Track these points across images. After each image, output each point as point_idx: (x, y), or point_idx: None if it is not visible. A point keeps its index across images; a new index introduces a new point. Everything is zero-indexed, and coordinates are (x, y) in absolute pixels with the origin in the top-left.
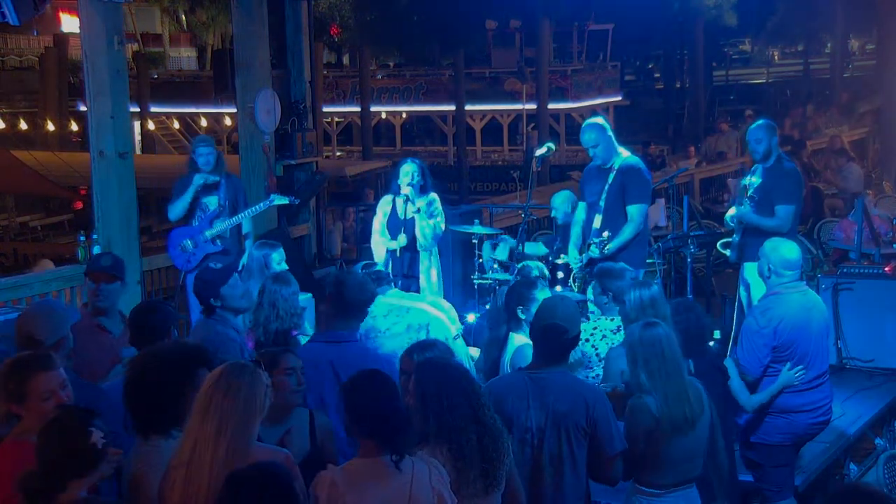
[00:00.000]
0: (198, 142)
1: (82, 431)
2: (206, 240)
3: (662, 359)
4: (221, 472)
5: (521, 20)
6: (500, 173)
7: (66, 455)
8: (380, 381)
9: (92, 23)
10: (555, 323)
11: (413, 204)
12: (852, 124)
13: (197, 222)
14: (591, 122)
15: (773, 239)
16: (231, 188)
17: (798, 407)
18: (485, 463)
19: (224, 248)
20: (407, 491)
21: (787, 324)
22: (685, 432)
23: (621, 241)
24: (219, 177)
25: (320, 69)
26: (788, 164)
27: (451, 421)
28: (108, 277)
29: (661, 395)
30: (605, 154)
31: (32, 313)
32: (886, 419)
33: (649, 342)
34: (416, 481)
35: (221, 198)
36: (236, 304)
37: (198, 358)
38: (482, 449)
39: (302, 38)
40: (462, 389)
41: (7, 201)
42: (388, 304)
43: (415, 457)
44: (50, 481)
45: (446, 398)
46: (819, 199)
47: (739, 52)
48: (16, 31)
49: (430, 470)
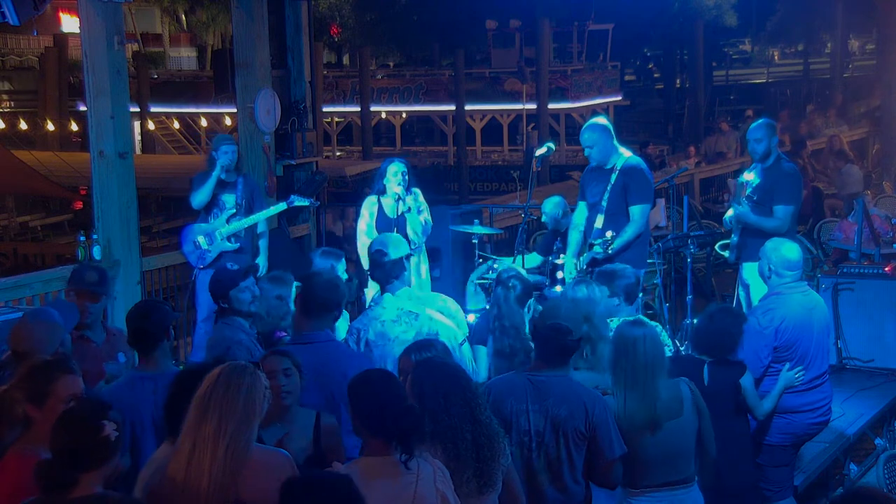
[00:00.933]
0: (220, 140)
1: (95, 423)
2: (222, 237)
3: (631, 358)
4: (220, 473)
5: (521, 20)
6: (500, 173)
7: (77, 446)
8: (386, 380)
9: (92, 23)
10: (557, 324)
11: (404, 202)
12: (852, 124)
13: (213, 219)
14: (592, 123)
15: (773, 239)
16: (248, 188)
17: (798, 407)
18: (479, 463)
19: (240, 245)
20: (412, 491)
21: (789, 324)
22: (651, 433)
23: (623, 240)
24: (236, 176)
25: (320, 69)
26: (788, 165)
27: (446, 420)
28: (94, 296)
29: (622, 396)
30: (599, 156)
31: (29, 324)
32: (886, 419)
33: (622, 341)
34: (422, 481)
35: (238, 196)
36: (244, 308)
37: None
38: (477, 449)
39: (302, 38)
40: (458, 389)
41: (7, 201)
42: (399, 310)
43: (420, 457)
44: (63, 472)
45: (443, 398)
46: (819, 199)
47: (739, 52)
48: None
49: (435, 471)
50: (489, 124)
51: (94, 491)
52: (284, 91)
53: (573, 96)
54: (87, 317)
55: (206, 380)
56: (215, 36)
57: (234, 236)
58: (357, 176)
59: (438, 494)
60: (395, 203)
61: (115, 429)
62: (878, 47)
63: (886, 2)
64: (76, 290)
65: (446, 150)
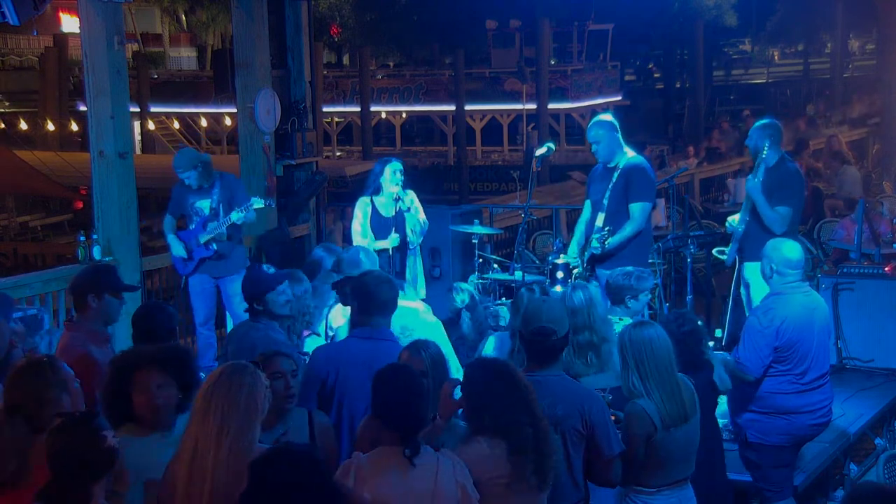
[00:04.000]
0: (177, 163)
1: (98, 434)
2: (198, 244)
3: (653, 358)
4: (224, 474)
5: (521, 20)
6: (500, 173)
7: (84, 463)
8: (407, 377)
9: (92, 23)
10: (542, 326)
11: (403, 201)
12: (852, 125)
13: (191, 225)
14: (598, 119)
15: (775, 239)
16: (226, 189)
17: (798, 408)
18: (539, 456)
19: (218, 252)
20: (432, 484)
21: (790, 324)
22: (681, 429)
23: (621, 237)
24: (207, 183)
25: (320, 69)
26: (791, 165)
27: (507, 415)
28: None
29: (657, 396)
30: (605, 152)
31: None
32: (886, 419)
33: (639, 342)
34: (442, 474)
35: (214, 201)
36: (280, 311)
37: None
38: (537, 442)
39: (302, 38)
40: (514, 385)
41: (7, 201)
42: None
43: (440, 452)
44: (77, 487)
45: (503, 394)
46: (819, 199)
47: (739, 52)
48: (16, 31)
49: (455, 465)
50: (489, 124)
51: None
52: (284, 91)
53: (573, 96)
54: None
55: (207, 380)
56: (215, 36)
57: (211, 241)
58: (357, 176)
59: (458, 487)
60: (394, 202)
61: (113, 435)
62: (878, 47)
63: (886, 2)
64: (112, 290)
65: (446, 150)
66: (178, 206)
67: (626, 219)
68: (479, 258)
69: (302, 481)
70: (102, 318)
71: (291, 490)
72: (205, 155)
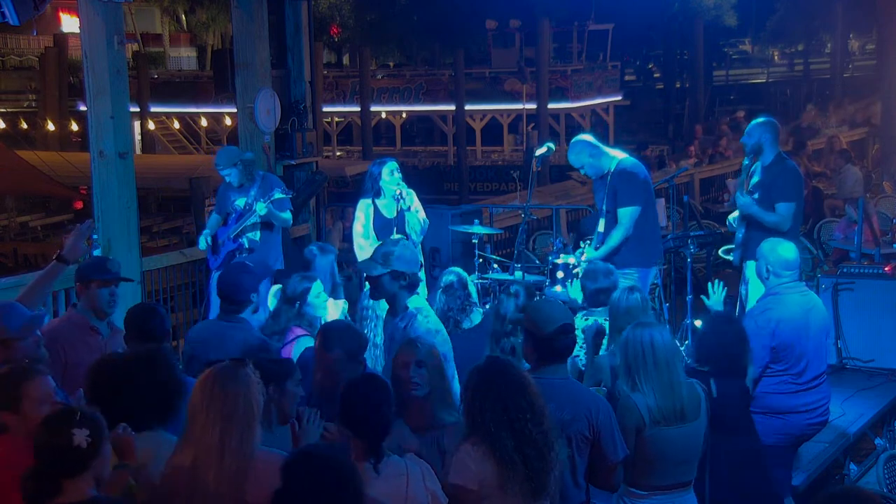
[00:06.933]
0: (216, 163)
1: (67, 433)
2: (227, 238)
3: (649, 358)
4: (226, 485)
5: (521, 20)
6: (500, 173)
7: (54, 456)
8: (377, 387)
9: (92, 23)
10: (565, 324)
11: (404, 201)
12: (852, 125)
13: (231, 222)
14: (572, 144)
15: (770, 239)
16: (263, 187)
17: (795, 408)
18: (528, 470)
19: (241, 245)
20: (404, 491)
21: (786, 325)
22: (676, 426)
23: (609, 246)
24: (249, 181)
25: (320, 69)
26: (788, 163)
27: (482, 424)
28: (115, 284)
29: (649, 389)
30: (592, 171)
31: None
32: (886, 419)
33: (634, 344)
34: (412, 481)
35: (250, 197)
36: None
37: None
38: (524, 458)
39: (302, 38)
40: (499, 395)
41: (7, 201)
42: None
43: (406, 458)
44: (42, 483)
45: (480, 401)
46: (819, 199)
47: (739, 52)
48: (16, 31)
49: (423, 471)
50: (489, 124)
51: (84, 495)
52: (284, 91)
53: (573, 96)
54: (113, 305)
55: (198, 385)
56: (215, 36)
57: (240, 234)
58: (357, 176)
59: (428, 492)
60: (395, 202)
61: (87, 435)
62: (878, 47)
63: (886, 2)
64: (100, 280)
65: (446, 150)
66: (222, 204)
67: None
68: (479, 258)
69: (335, 483)
70: (91, 308)
71: (323, 492)
72: (247, 153)
